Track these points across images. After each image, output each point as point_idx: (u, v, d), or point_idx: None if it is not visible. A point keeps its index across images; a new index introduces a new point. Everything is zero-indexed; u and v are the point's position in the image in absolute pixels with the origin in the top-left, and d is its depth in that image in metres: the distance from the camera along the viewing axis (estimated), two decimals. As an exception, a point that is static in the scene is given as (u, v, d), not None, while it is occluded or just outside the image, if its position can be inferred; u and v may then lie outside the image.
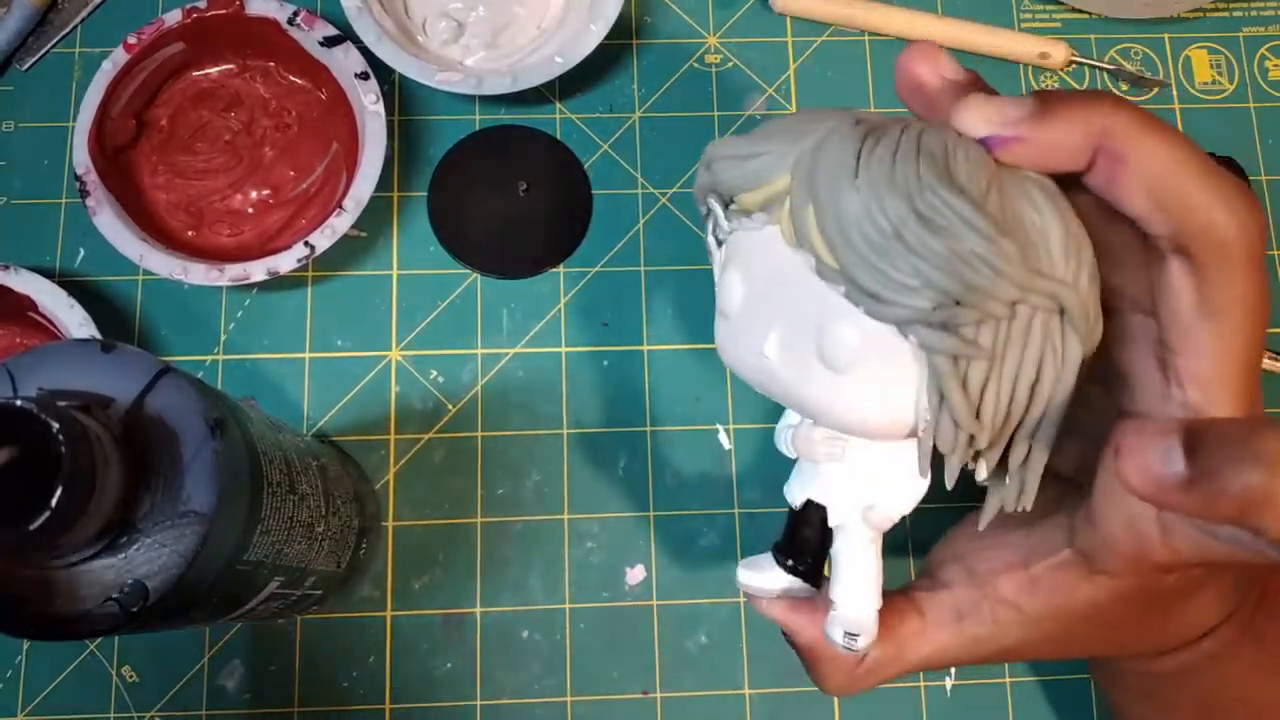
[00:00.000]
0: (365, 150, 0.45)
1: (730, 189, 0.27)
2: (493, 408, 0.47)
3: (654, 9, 0.52)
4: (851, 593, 0.28)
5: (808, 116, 0.26)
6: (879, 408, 0.25)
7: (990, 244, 0.23)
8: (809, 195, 0.24)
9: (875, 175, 0.23)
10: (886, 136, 0.24)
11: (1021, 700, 0.45)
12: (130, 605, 0.25)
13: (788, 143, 0.25)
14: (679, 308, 0.48)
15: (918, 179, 0.23)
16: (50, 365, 0.26)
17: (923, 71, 0.26)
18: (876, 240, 0.23)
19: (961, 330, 0.23)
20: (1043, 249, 0.23)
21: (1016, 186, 0.24)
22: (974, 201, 0.23)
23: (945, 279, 0.23)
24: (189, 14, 0.46)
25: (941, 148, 0.24)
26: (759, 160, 0.26)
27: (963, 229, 0.23)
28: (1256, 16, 0.53)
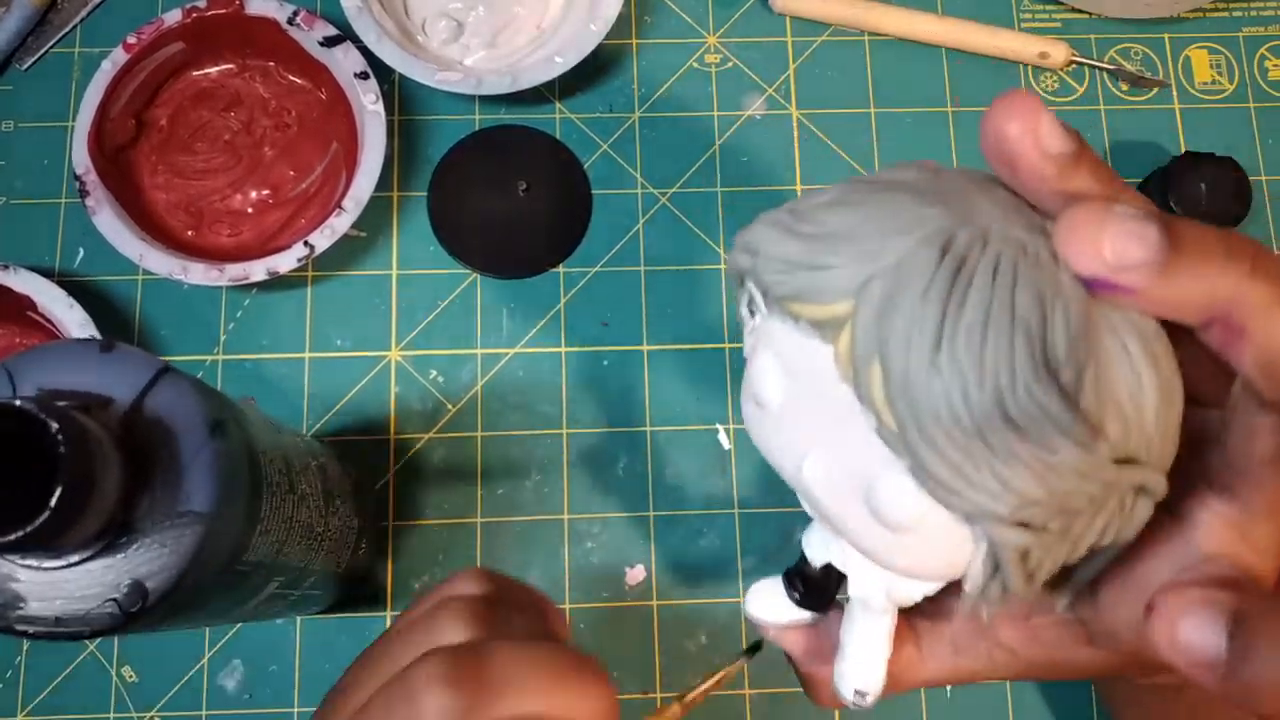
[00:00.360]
0: (365, 150, 0.45)
1: (776, 295, 0.23)
2: (493, 408, 0.47)
3: (654, 9, 0.52)
4: (864, 659, 0.28)
5: (879, 212, 0.22)
6: (928, 565, 0.23)
7: (1083, 451, 0.20)
8: (875, 348, 0.21)
9: (961, 355, 0.20)
10: (975, 289, 0.20)
11: (1021, 700, 0.45)
12: (129, 605, 0.25)
13: (856, 259, 0.22)
14: (679, 308, 0.48)
15: (1010, 370, 0.20)
16: (50, 365, 0.26)
17: (1014, 133, 0.21)
18: (955, 434, 0.20)
19: (1033, 526, 0.21)
20: (1134, 424, 0.21)
21: (1113, 338, 0.21)
22: (1071, 401, 0.20)
23: (1029, 485, 0.20)
24: (189, 14, 0.45)
25: (1039, 312, 0.20)
26: (818, 276, 0.22)
27: (1056, 437, 0.20)
28: (1256, 16, 0.53)
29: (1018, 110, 0.21)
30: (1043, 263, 0.21)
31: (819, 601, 0.29)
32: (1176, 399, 0.22)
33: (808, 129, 0.50)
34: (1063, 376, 0.20)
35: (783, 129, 0.50)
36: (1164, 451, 0.21)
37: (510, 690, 0.25)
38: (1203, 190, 0.47)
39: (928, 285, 0.20)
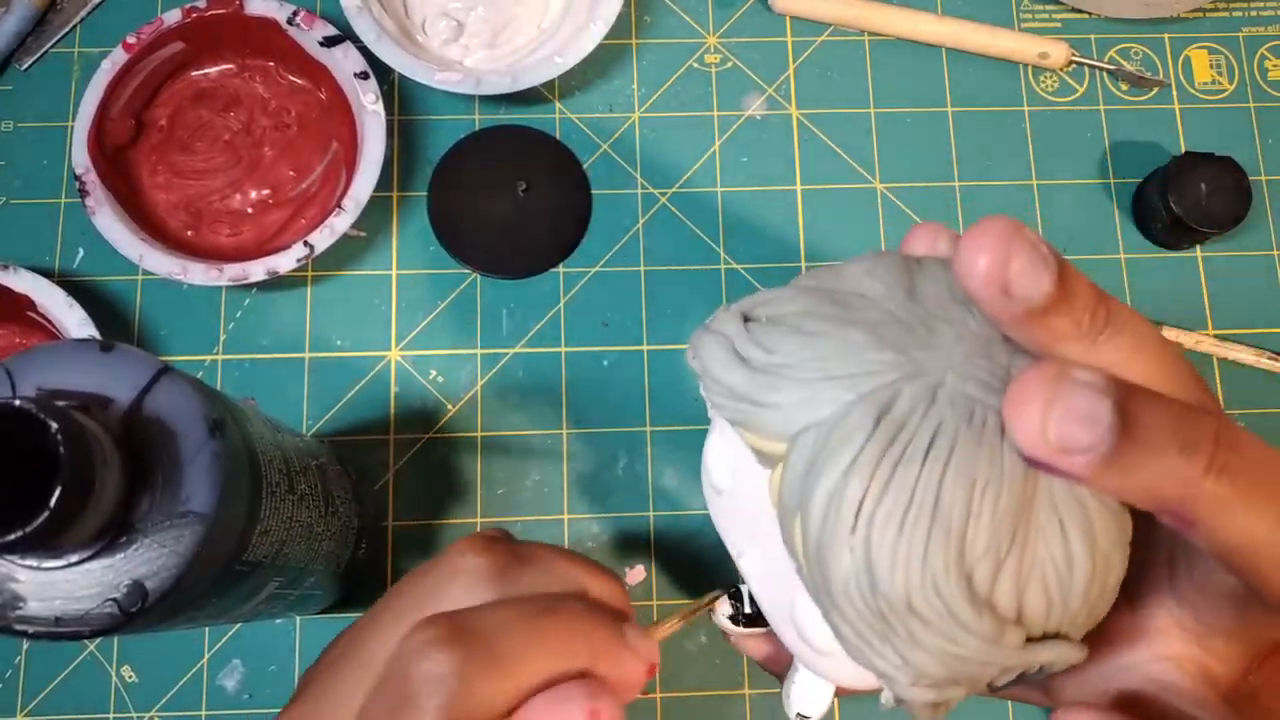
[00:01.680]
0: (365, 150, 0.45)
1: (722, 415, 0.23)
2: (493, 408, 0.47)
3: (654, 9, 0.52)
4: (810, 684, 0.27)
5: (831, 350, 0.21)
6: (842, 680, 0.24)
7: (987, 644, 0.20)
8: (797, 506, 0.21)
9: (874, 543, 0.20)
10: (903, 469, 0.20)
11: (1021, 700, 0.45)
12: (129, 605, 0.25)
13: (795, 406, 0.21)
14: (679, 308, 0.48)
15: (921, 567, 0.19)
16: (49, 365, 0.26)
17: (985, 267, 0.19)
18: (862, 611, 0.20)
19: (934, 689, 0.21)
20: (1058, 603, 0.20)
21: (1049, 516, 0.20)
22: (977, 603, 0.19)
23: (930, 666, 0.20)
24: (188, 14, 0.45)
25: (964, 505, 0.19)
26: (757, 412, 0.22)
27: (960, 633, 0.20)
28: (1256, 16, 0.53)
29: (989, 244, 0.19)
30: (987, 433, 0.20)
31: (761, 622, 0.28)
32: (1116, 567, 0.21)
33: (808, 129, 0.50)
34: (976, 574, 0.19)
35: (783, 129, 0.50)
36: (1092, 617, 0.21)
37: (540, 566, 0.27)
38: (1203, 190, 0.47)
39: (855, 457, 0.20)
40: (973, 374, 0.20)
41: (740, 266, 0.48)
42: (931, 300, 0.22)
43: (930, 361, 0.20)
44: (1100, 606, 0.21)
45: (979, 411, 0.20)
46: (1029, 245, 0.19)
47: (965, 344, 0.21)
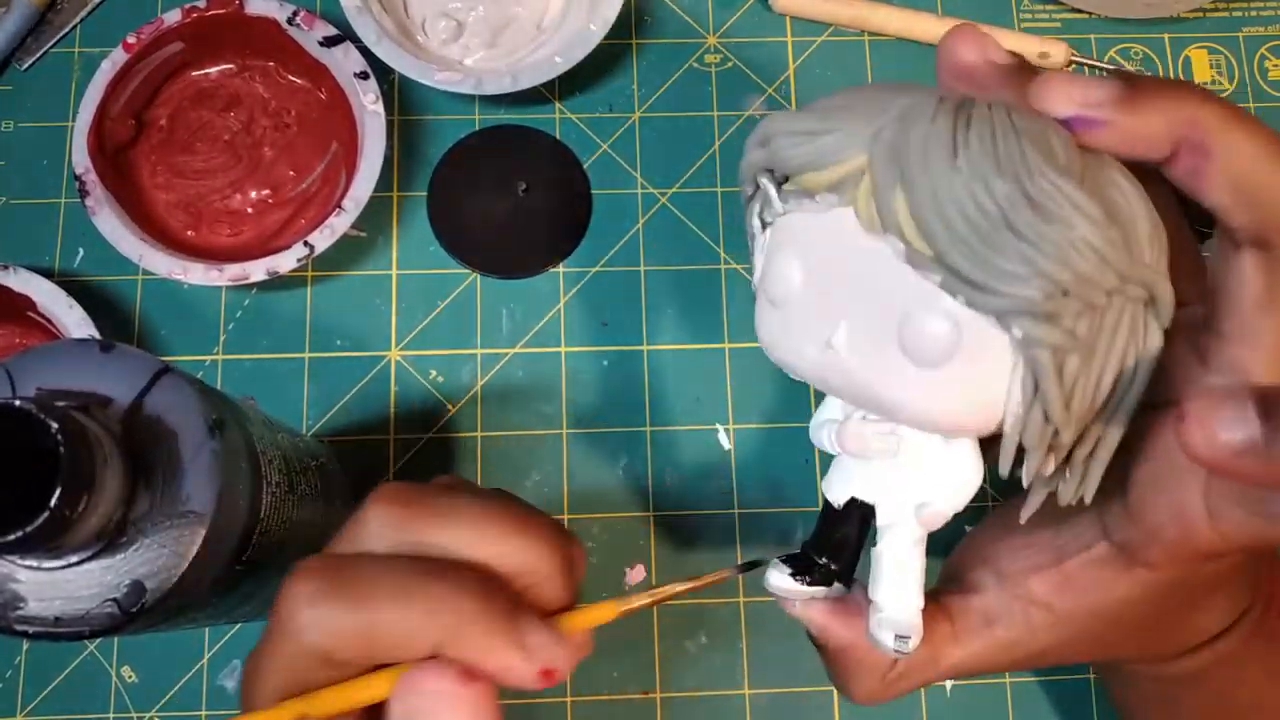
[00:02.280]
0: (365, 150, 0.45)
1: (794, 167, 0.24)
2: (493, 408, 0.47)
3: (654, 9, 0.52)
4: (900, 594, 0.27)
5: (880, 90, 0.24)
6: (969, 404, 0.23)
7: (1100, 231, 0.22)
8: (896, 175, 0.22)
9: (977, 155, 0.22)
10: (978, 112, 0.22)
11: (1021, 700, 0.45)
12: (129, 605, 0.25)
13: (863, 118, 0.23)
14: (679, 308, 0.48)
15: (1024, 161, 0.22)
16: (49, 365, 0.26)
17: (968, 55, 0.25)
18: (983, 226, 0.22)
19: (1064, 322, 0.22)
20: (1133, 234, 0.23)
21: (1102, 172, 0.23)
22: (1083, 187, 0.22)
23: (1056, 267, 0.21)
24: (188, 13, 0.45)
25: (1038, 128, 0.22)
26: (831, 137, 0.23)
27: (1075, 215, 0.21)
28: (1256, 16, 0.53)
29: (966, 39, 0.25)
30: (1029, 116, 0.23)
31: (841, 559, 0.28)
32: (1163, 231, 0.23)
33: (808, 129, 0.50)
34: (1071, 170, 0.22)
35: (783, 129, 0.50)
36: (1164, 272, 0.23)
37: (445, 529, 0.24)
38: (1203, 190, 0.47)
39: (934, 114, 0.22)
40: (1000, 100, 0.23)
41: (740, 266, 0.48)
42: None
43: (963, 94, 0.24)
44: (1164, 271, 0.23)
45: (1016, 110, 0.23)
46: (1077, 77, 0.23)
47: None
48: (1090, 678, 0.45)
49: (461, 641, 0.23)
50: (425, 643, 0.23)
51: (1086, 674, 0.45)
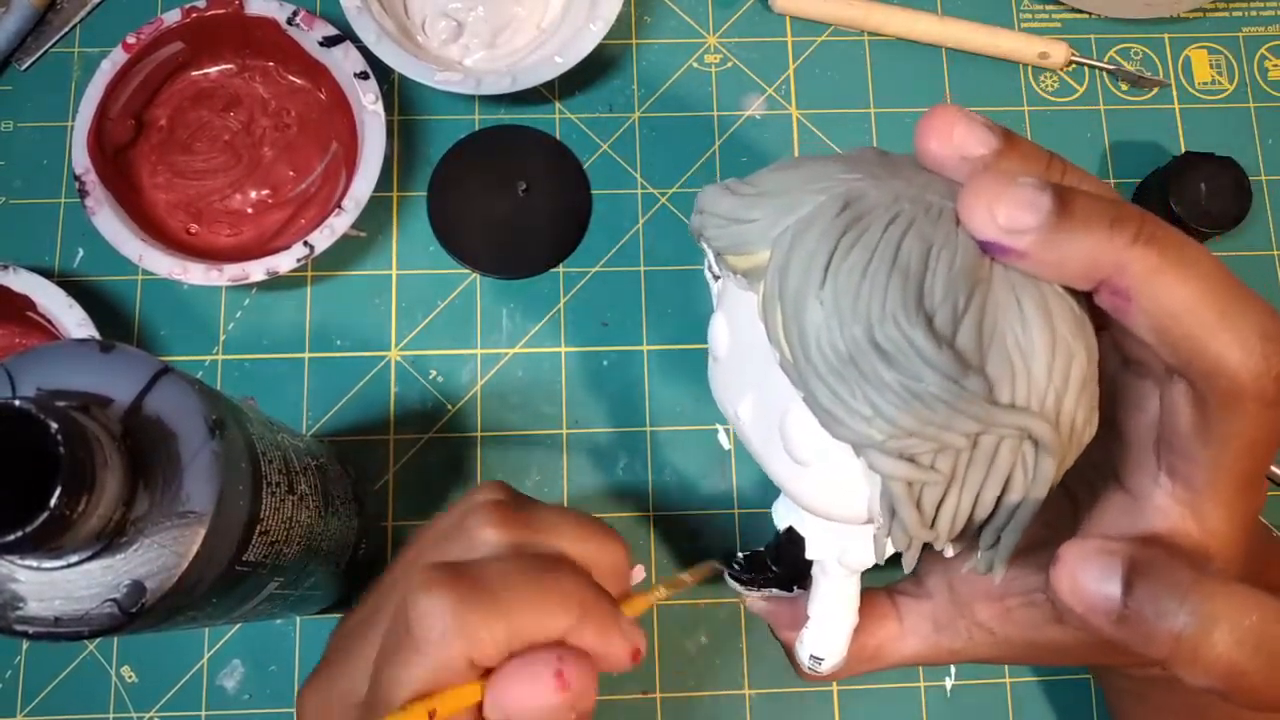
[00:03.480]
0: (365, 150, 0.45)
1: (716, 249, 0.25)
2: (492, 408, 0.47)
3: (654, 9, 0.52)
4: (822, 625, 0.30)
5: (808, 175, 0.24)
6: (834, 502, 0.25)
7: (950, 384, 0.21)
8: (777, 292, 0.23)
9: (840, 290, 0.22)
10: (867, 235, 0.22)
11: (1021, 700, 0.45)
12: (129, 606, 0.25)
13: (776, 212, 0.24)
14: (679, 308, 0.48)
15: (881, 305, 0.21)
16: (49, 365, 0.26)
17: (934, 147, 0.23)
18: (833, 361, 0.22)
19: (917, 459, 0.22)
20: (1021, 371, 0.22)
21: (1006, 293, 0.22)
22: (937, 338, 0.21)
23: (898, 414, 0.22)
24: (188, 14, 0.45)
25: (922, 258, 0.22)
26: (744, 229, 0.24)
27: (921, 367, 0.21)
28: (1256, 16, 0.53)
29: (934, 127, 0.23)
30: (944, 219, 0.22)
31: (787, 570, 0.31)
32: (1079, 357, 0.23)
33: (808, 129, 0.50)
34: (937, 316, 0.22)
35: (783, 129, 0.50)
36: (1062, 408, 0.23)
37: (549, 533, 0.27)
38: (1203, 190, 0.47)
39: (825, 230, 0.22)
40: (934, 191, 0.23)
41: (740, 266, 0.48)
42: (902, 160, 0.25)
43: (895, 182, 0.23)
44: (1072, 399, 0.23)
45: (936, 205, 0.23)
46: (965, 117, 0.23)
47: (926, 179, 0.24)
48: (1090, 678, 0.45)
49: (585, 628, 0.25)
50: (556, 633, 0.25)
51: (1086, 674, 0.45)
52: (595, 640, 0.25)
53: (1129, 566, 0.21)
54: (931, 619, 0.30)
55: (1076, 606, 0.21)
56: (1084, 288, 0.22)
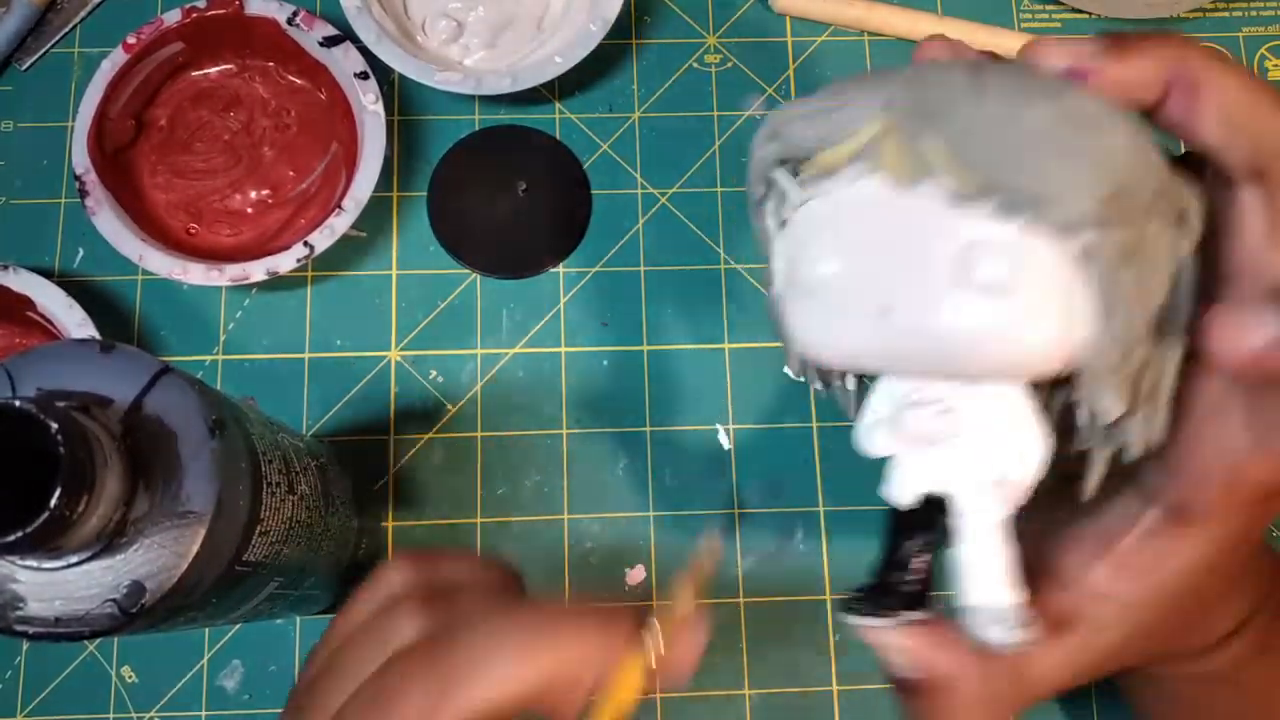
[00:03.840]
0: (365, 150, 0.45)
1: (811, 147, 0.25)
2: (492, 408, 0.47)
3: (654, 9, 0.52)
4: (999, 582, 0.24)
5: (875, 73, 0.25)
6: (1042, 333, 0.23)
7: (1134, 140, 0.23)
8: (927, 123, 0.23)
9: (1005, 88, 0.23)
10: (981, 63, 0.24)
11: (1021, 700, 0.45)
12: (129, 606, 0.25)
13: (869, 90, 0.24)
14: (679, 308, 0.48)
15: (1048, 85, 0.23)
16: (49, 365, 0.26)
17: (1050, 63, 0.25)
18: (1029, 145, 0.22)
19: (1114, 232, 0.23)
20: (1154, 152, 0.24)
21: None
22: (1110, 102, 0.23)
23: (1103, 177, 0.22)
24: (188, 14, 0.45)
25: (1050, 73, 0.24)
26: (844, 111, 0.24)
27: (1110, 126, 0.23)
28: (1256, 17, 0.53)
29: (1041, 57, 0.24)
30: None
31: (920, 572, 0.25)
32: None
33: (808, 129, 0.50)
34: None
35: (783, 129, 0.50)
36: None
37: (479, 674, 0.24)
38: (1203, 190, 0.47)
39: (947, 69, 0.24)
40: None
41: (740, 266, 0.48)
42: None
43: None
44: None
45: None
46: (1064, 39, 0.24)
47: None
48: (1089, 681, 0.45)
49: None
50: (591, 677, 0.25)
51: (1086, 674, 0.45)
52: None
53: (1277, 295, 0.21)
54: (1050, 620, 0.26)
55: (1244, 357, 0.22)
56: (1153, 95, 0.24)
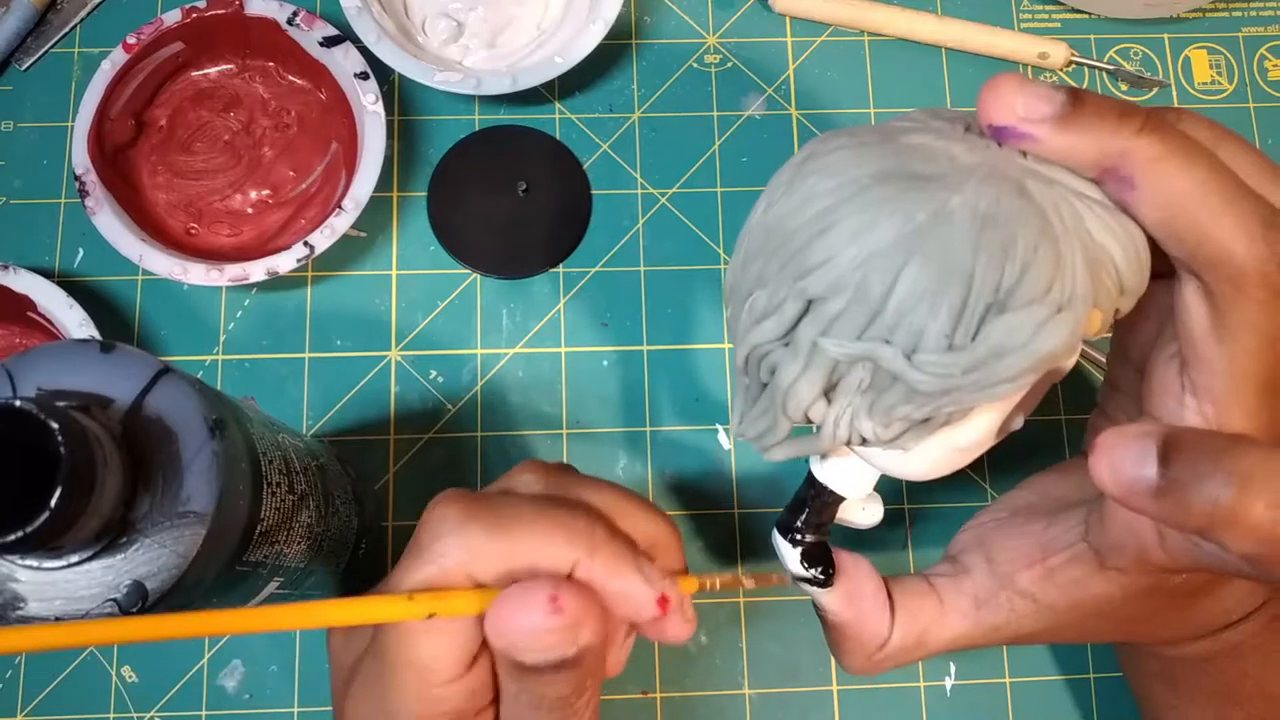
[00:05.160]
0: (365, 150, 0.45)
1: (967, 400, 0.24)
2: (492, 408, 0.47)
3: (654, 9, 0.52)
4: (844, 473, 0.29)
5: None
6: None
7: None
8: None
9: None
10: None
11: (1021, 700, 0.45)
12: (129, 606, 0.25)
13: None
14: (679, 308, 0.48)
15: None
16: (49, 365, 0.26)
17: (999, 121, 0.23)
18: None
19: None
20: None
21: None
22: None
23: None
24: (188, 14, 0.46)
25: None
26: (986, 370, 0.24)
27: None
28: (1256, 16, 0.53)
29: (993, 100, 0.23)
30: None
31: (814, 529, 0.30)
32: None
33: (808, 129, 0.50)
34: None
35: (783, 129, 0.50)
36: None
37: (586, 489, 0.27)
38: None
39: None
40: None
41: (740, 266, 0.48)
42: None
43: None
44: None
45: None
46: (1024, 86, 0.23)
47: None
48: (1090, 678, 0.45)
49: (594, 563, 0.25)
50: (562, 564, 0.25)
51: (1086, 674, 0.45)
52: (605, 576, 0.25)
53: (1164, 442, 0.21)
54: (972, 595, 0.30)
55: (1116, 490, 0.21)
56: (1091, 175, 0.23)
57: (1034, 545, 0.29)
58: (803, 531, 0.30)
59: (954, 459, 0.26)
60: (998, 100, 0.23)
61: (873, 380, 0.24)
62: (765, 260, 0.24)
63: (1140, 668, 0.36)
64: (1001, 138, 0.23)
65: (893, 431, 0.24)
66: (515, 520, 0.25)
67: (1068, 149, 0.23)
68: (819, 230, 0.23)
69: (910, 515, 0.46)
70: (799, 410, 0.25)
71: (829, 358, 0.24)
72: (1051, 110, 0.23)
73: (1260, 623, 0.30)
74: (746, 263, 0.25)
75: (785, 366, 0.25)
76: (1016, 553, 0.30)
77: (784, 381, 0.25)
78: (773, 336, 0.25)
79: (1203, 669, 0.32)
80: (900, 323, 0.23)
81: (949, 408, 0.23)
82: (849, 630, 0.30)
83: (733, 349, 0.27)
